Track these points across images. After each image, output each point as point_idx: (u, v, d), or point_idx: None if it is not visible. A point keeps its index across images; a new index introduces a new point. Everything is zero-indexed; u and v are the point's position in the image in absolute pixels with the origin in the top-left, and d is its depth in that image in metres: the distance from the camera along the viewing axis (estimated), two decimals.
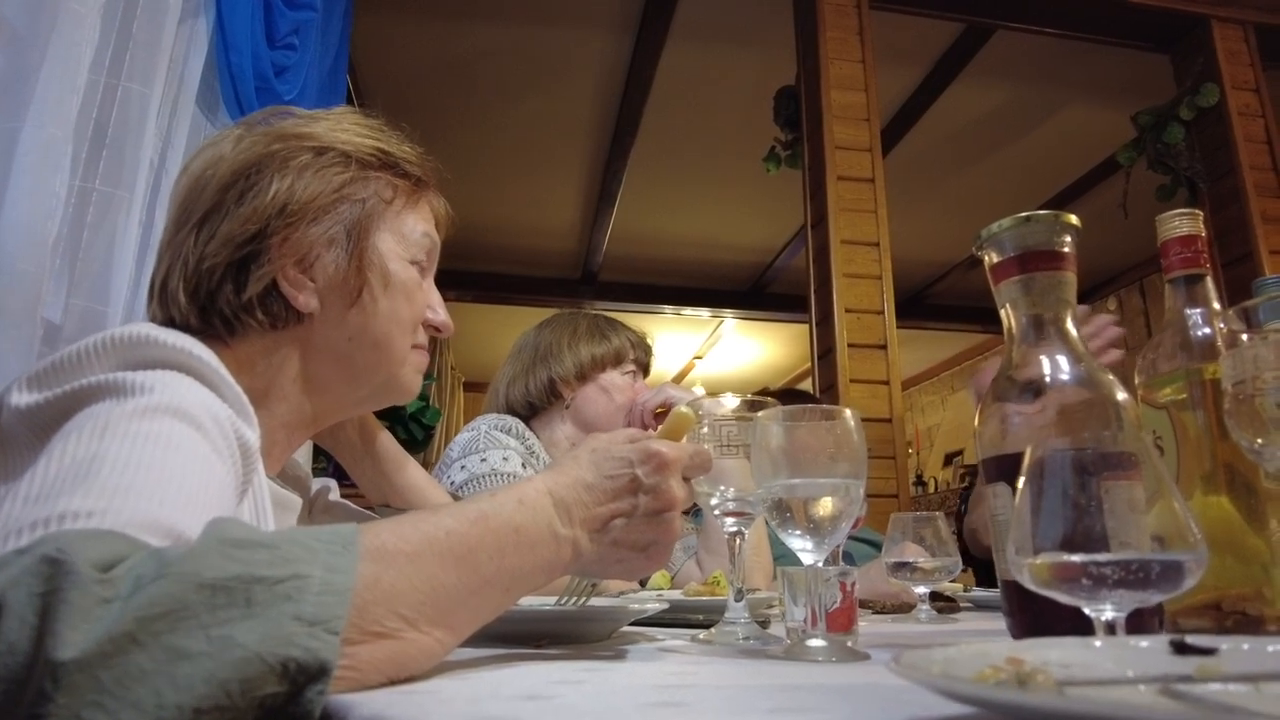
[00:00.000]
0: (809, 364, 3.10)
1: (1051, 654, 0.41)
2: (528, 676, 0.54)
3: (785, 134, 3.36)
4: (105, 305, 1.38)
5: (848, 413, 0.73)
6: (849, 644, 0.82)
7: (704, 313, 7.01)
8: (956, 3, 3.49)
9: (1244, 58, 3.71)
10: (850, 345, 2.80)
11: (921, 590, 1.15)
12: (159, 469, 0.53)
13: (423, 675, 0.51)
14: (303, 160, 0.82)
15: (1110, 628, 0.50)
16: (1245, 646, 0.41)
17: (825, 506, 0.69)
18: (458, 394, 6.94)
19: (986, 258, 0.83)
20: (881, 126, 4.04)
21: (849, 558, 2.23)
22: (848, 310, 2.83)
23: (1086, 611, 0.51)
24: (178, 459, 0.55)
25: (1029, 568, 0.50)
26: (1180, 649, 0.42)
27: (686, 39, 3.82)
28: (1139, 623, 0.72)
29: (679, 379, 8.77)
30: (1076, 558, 0.48)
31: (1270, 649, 0.40)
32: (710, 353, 8.20)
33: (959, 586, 1.44)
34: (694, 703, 0.46)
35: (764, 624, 1.02)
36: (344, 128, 0.87)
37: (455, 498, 1.09)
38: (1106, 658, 0.42)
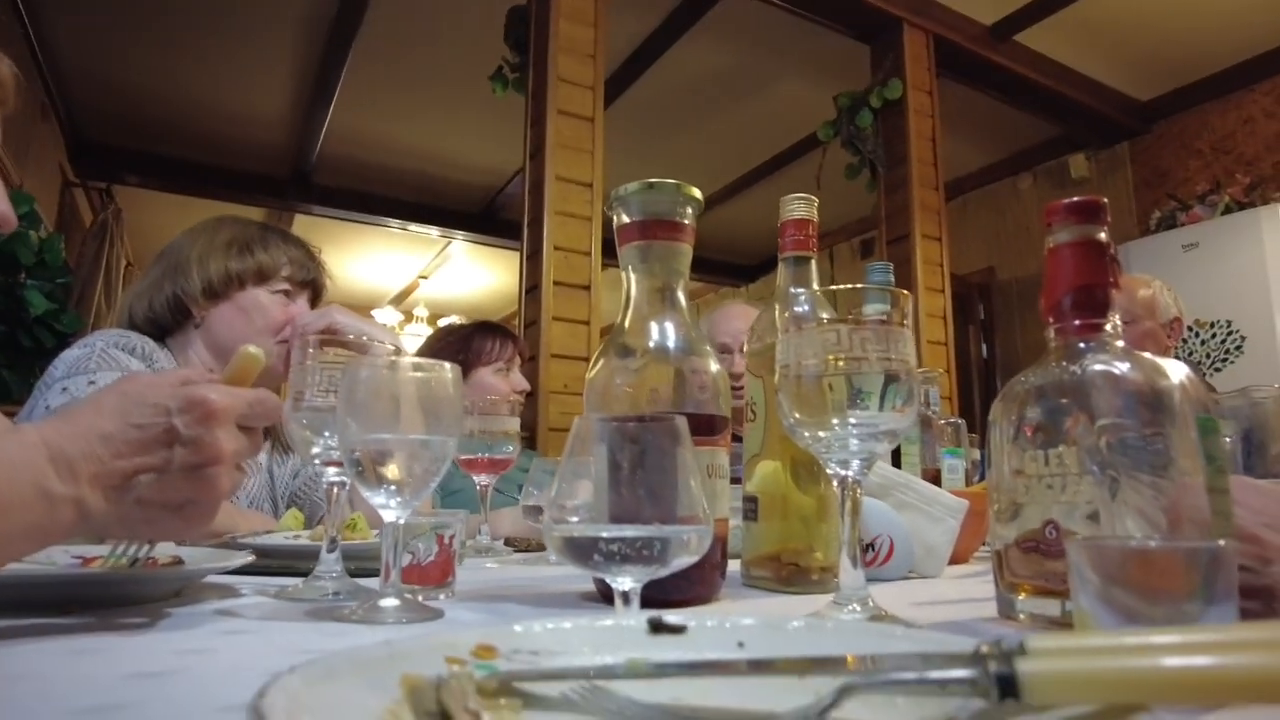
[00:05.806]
0: None
1: (527, 637, 0.41)
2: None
3: (513, 56, 3.24)
4: None
5: (447, 366, 0.69)
6: (441, 597, 0.81)
7: (433, 231, 6.70)
8: None
9: (924, 63, 4.22)
10: (556, 283, 2.81)
11: None
12: None
13: None
14: None
15: (626, 598, 0.52)
16: (710, 623, 0.44)
17: (406, 463, 0.66)
18: None
19: (615, 218, 0.84)
20: (611, 71, 4.06)
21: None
22: (556, 248, 2.84)
23: (607, 580, 0.52)
24: None
25: (550, 538, 0.50)
26: (656, 628, 0.44)
27: None
28: (701, 574, 0.79)
29: (401, 299, 8.38)
30: (585, 532, 0.49)
31: (728, 624, 0.43)
32: (437, 274, 7.92)
33: None
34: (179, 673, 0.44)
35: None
36: None
37: None
38: (584, 640, 0.42)
